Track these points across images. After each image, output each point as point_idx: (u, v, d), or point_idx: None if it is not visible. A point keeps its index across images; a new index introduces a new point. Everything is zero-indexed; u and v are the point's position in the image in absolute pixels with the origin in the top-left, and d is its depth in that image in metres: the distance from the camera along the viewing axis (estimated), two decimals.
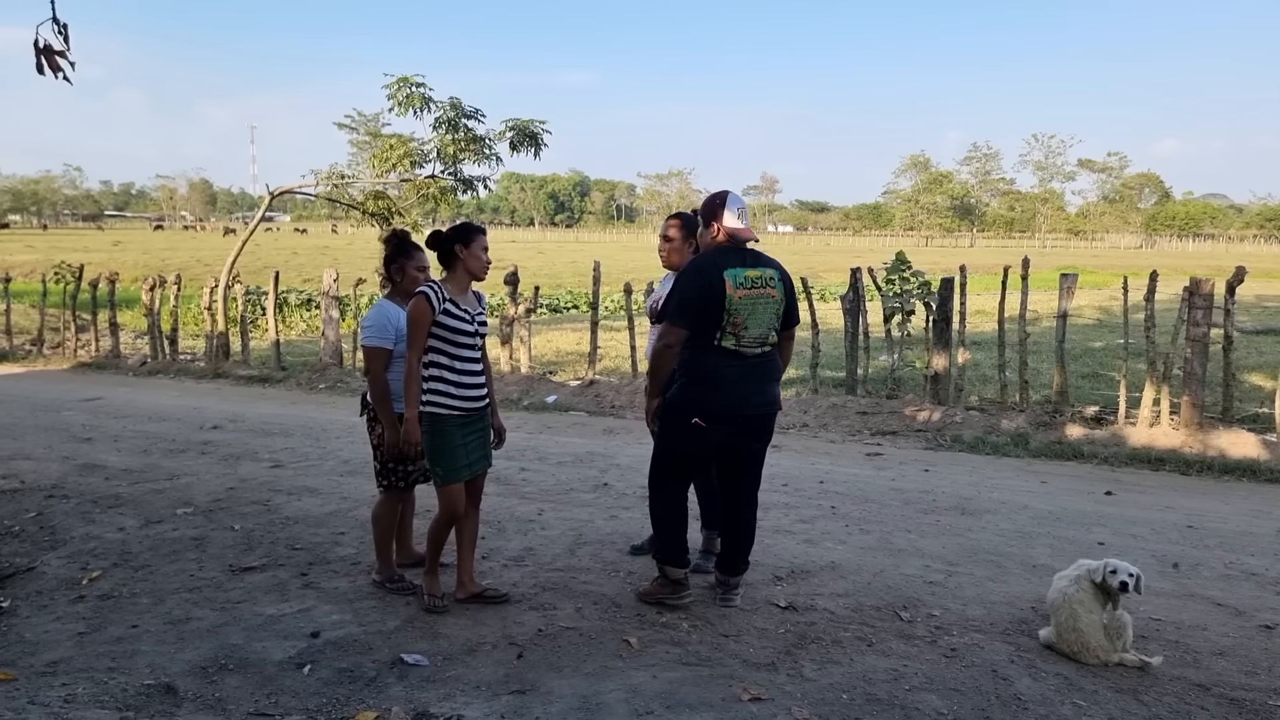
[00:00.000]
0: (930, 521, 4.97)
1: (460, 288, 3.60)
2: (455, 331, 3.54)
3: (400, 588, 3.96)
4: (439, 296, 3.51)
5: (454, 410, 3.56)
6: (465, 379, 3.59)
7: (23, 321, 14.64)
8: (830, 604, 3.81)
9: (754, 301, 3.49)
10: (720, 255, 3.53)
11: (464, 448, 3.61)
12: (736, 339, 3.49)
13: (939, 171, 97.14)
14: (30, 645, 3.42)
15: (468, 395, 3.60)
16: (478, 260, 3.59)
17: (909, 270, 8.09)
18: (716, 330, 3.47)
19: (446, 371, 3.57)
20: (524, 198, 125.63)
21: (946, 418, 7.40)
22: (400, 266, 3.99)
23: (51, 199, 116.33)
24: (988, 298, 15.48)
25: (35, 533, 4.79)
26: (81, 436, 7.21)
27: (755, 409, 3.59)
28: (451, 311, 3.53)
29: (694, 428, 3.54)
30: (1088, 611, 3.22)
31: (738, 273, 3.48)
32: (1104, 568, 3.30)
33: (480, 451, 3.71)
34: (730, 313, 3.45)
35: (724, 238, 3.56)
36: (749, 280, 3.49)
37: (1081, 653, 3.21)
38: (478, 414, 3.66)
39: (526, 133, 9.84)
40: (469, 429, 3.63)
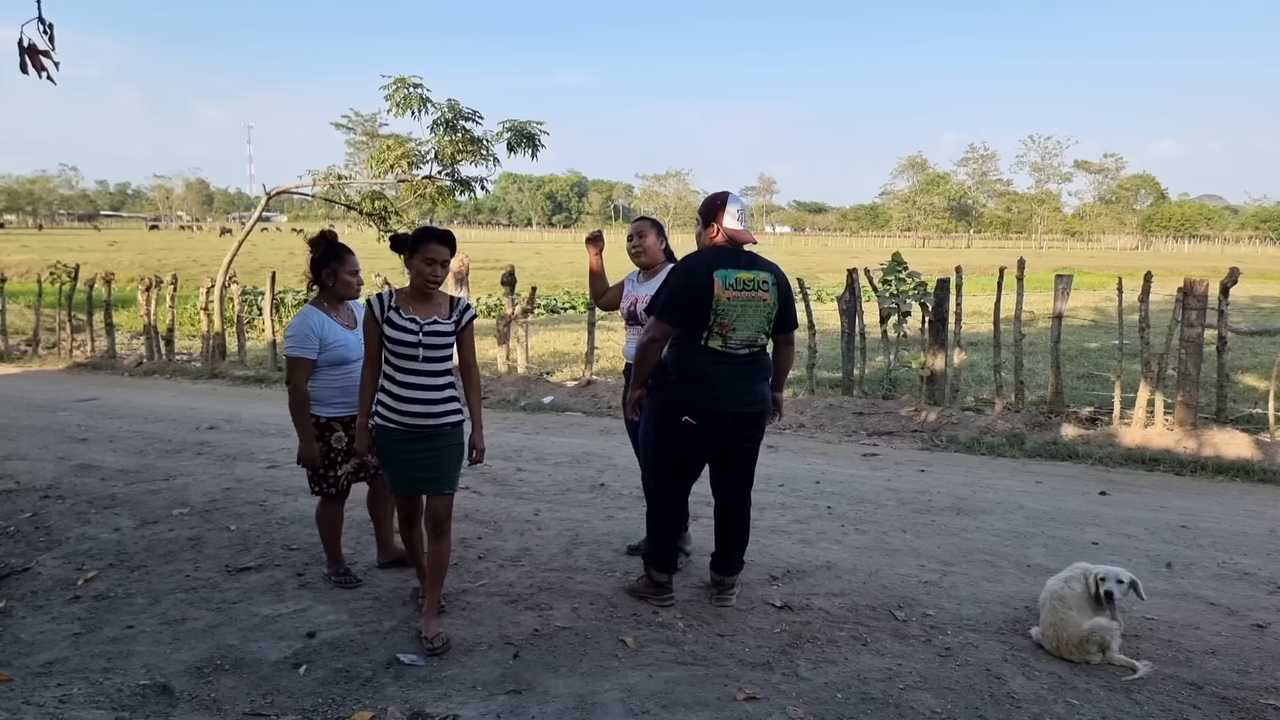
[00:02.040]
0: (926, 521, 4.98)
1: (414, 295, 3.39)
2: (395, 342, 3.34)
3: (344, 581, 4.01)
4: (381, 305, 3.35)
5: (389, 423, 3.35)
6: (406, 391, 3.33)
7: (18, 322, 14.61)
8: (826, 603, 3.82)
9: (743, 304, 3.47)
10: (713, 255, 3.52)
11: (404, 463, 3.38)
12: (723, 339, 3.48)
13: (936, 172, 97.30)
14: (25, 646, 3.42)
15: (407, 410, 3.33)
16: (420, 269, 3.34)
17: (905, 271, 8.11)
18: (703, 330, 3.47)
19: (387, 382, 3.38)
20: (521, 198, 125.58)
21: (942, 418, 7.42)
22: (332, 270, 3.87)
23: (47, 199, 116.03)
24: (984, 298, 15.49)
25: (30, 533, 4.79)
26: (77, 437, 7.20)
27: (745, 407, 3.58)
28: (394, 321, 3.34)
29: (685, 426, 3.53)
30: (1067, 609, 3.27)
31: (729, 274, 3.46)
32: (1094, 576, 3.35)
33: (430, 473, 3.39)
34: (717, 313, 3.44)
35: (722, 239, 3.55)
36: (740, 282, 3.47)
37: (1060, 648, 3.25)
38: (425, 432, 3.36)
39: (524, 134, 9.84)
40: (414, 445, 3.36)
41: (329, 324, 3.88)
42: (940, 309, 7.80)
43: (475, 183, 10.57)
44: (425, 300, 3.40)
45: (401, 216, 11.14)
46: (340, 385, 3.87)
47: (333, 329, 3.87)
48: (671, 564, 3.80)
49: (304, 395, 3.81)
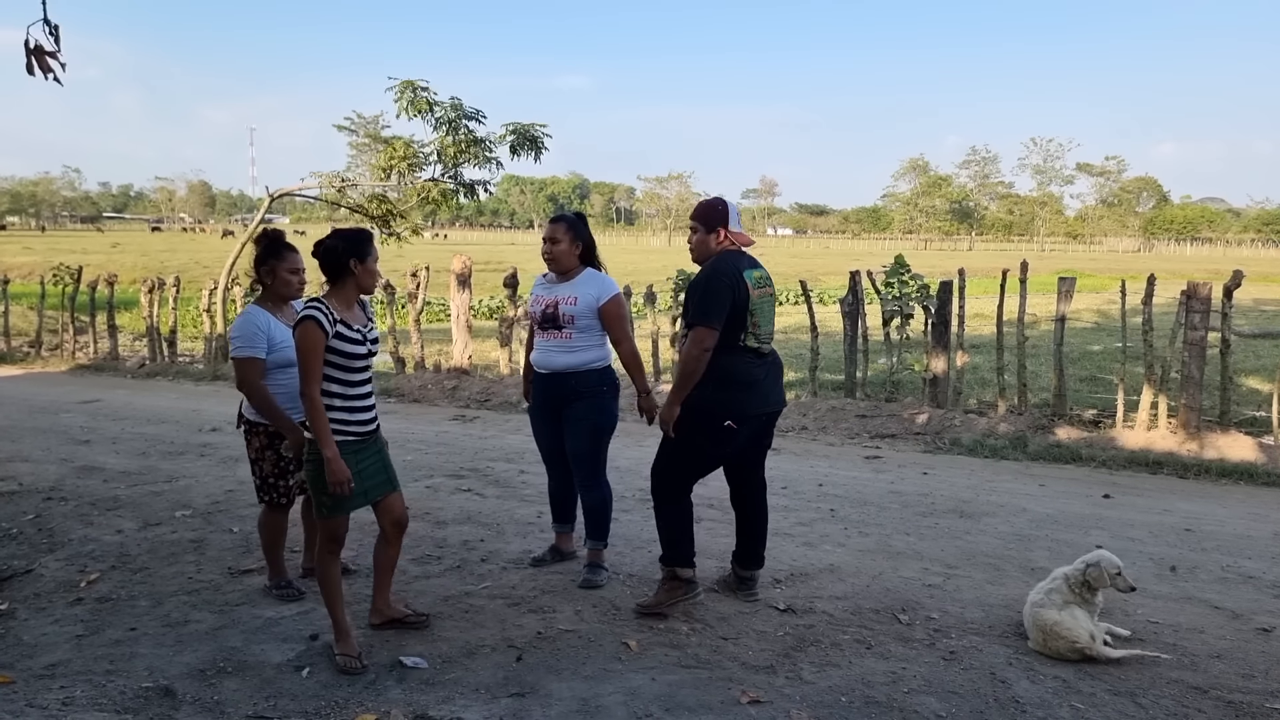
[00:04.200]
0: (929, 524, 4.97)
1: (348, 303, 3.26)
2: (349, 356, 3.20)
3: (285, 594, 3.88)
4: (329, 319, 3.15)
5: (348, 436, 3.23)
6: (358, 402, 3.27)
7: (21, 323, 14.61)
8: (829, 606, 3.81)
9: (763, 300, 3.63)
10: (734, 258, 3.62)
11: (358, 475, 3.23)
12: (756, 338, 3.60)
13: (938, 175, 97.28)
14: (28, 648, 3.42)
15: (361, 419, 3.27)
16: (372, 277, 3.27)
17: (908, 274, 8.10)
18: (741, 331, 3.56)
19: (338, 399, 3.21)
20: (523, 200, 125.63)
21: (945, 421, 7.41)
22: (271, 268, 3.72)
23: (50, 201, 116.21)
24: (986, 301, 15.48)
25: (33, 535, 4.79)
26: (80, 439, 7.21)
27: (773, 406, 3.75)
28: (344, 334, 3.18)
29: (725, 430, 3.56)
30: (1042, 609, 3.35)
31: (750, 273, 3.60)
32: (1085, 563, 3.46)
33: (381, 476, 3.37)
34: (752, 313, 3.56)
35: (729, 243, 3.64)
36: (758, 280, 3.62)
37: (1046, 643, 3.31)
38: (372, 437, 3.34)
39: (527, 136, 9.85)
40: (364, 454, 3.28)
41: (275, 324, 3.71)
42: (943, 311, 7.79)
43: (478, 185, 10.57)
44: (351, 306, 3.28)
45: (405, 218, 11.15)
46: (287, 390, 3.63)
47: (279, 329, 3.70)
48: (692, 555, 3.75)
49: (267, 393, 3.62)
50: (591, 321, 3.93)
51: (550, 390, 4.04)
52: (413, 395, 9.24)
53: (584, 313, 3.91)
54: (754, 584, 3.90)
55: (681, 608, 3.73)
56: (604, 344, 3.98)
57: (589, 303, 3.91)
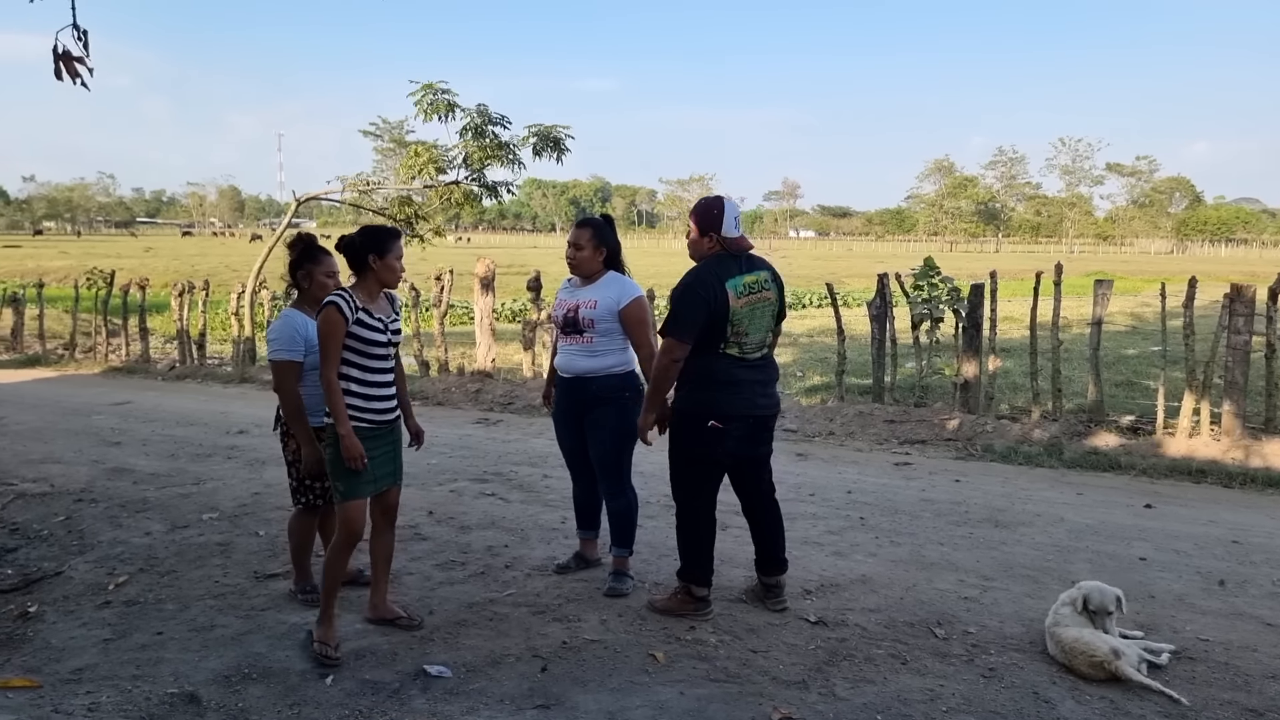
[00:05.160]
0: (963, 534, 4.85)
1: (370, 295, 3.38)
2: (368, 343, 3.32)
3: (311, 599, 3.84)
4: (351, 305, 3.28)
5: (361, 422, 3.33)
6: (375, 390, 3.37)
7: (56, 326, 14.86)
8: (862, 619, 3.71)
9: (753, 308, 3.51)
10: (719, 265, 3.50)
11: (370, 462, 3.32)
12: (739, 347, 3.51)
13: (963, 176, 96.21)
14: (56, 651, 3.41)
15: (377, 408, 3.38)
16: (392, 272, 3.38)
17: (938, 276, 7.96)
18: (720, 341, 3.48)
19: (354, 384, 3.33)
20: (545, 203, 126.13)
21: (977, 426, 7.26)
22: (308, 272, 3.77)
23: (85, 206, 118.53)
24: (1017, 304, 15.21)
25: (63, 537, 4.81)
26: (110, 440, 7.26)
27: (762, 410, 3.63)
28: (365, 321, 3.31)
29: (711, 431, 3.51)
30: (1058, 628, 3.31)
31: (737, 281, 3.47)
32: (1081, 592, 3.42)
33: (388, 467, 3.47)
34: (733, 323, 3.45)
35: (719, 247, 3.52)
36: (747, 287, 3.49)
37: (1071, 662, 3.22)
38: (387, 426, 3.44)
39: (549, 138, 9.83)
40: (377, 442, 3.37)
41: (312, 327, 3.70)
42: (975, 315, 7.64)
43: (501, 187, 10.56)
44: (375, 298, 3.41)
45: (429, 221, 11.17)
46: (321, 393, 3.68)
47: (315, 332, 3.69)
48: (709, 575, 3.74)
49: (299, 399, 3.65)
50: (612, 325, 3.87)
51: (573, 395, 3.99)
52: (436, 398, 9.23)
53: (604, 316, 3.85)
54: (780, 591, 3.82)
55: (712, 620, 3.67)
56: (626, 348, 3.92)
57: (609, 306, 3.85)
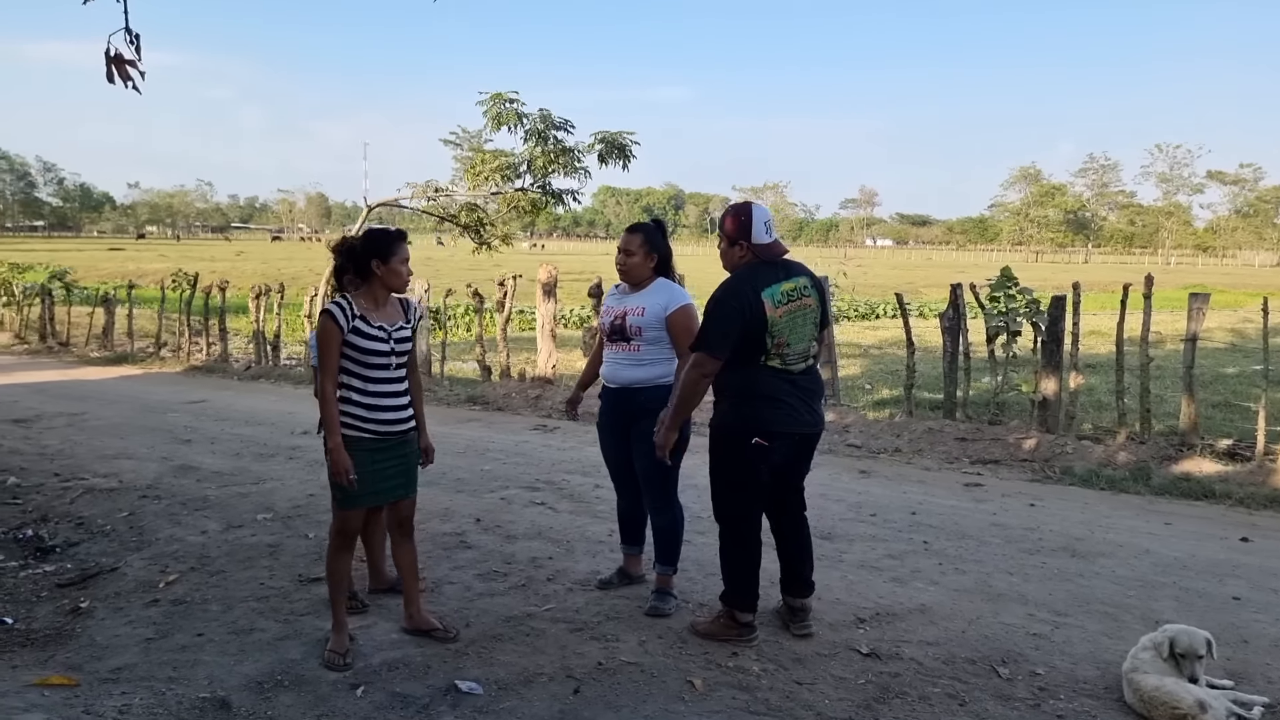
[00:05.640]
0: (1036, 563, 4.53)
1: (375, 301, 3.30)
2: (366, 352, 3.23)
3: (351, 605, 3.75)
4: (347, 314, 3.20)
5: (364, 432, 3.26)
6: (378, 400, 3.28)
7: (148, 326, 15.55)
8: (918, 653, 3.47)
9: (793, 316, 3.31)
10: (752, 275, 3.32)
11: (373, 474, 3.28)
12: (781, 358, 3.32)
13: (1051, 184, 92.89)
14: (100, 649, 3.45)
15: (381, 418, 3.28)
16: (397, 276, 3.29)
17: (1015, 287, 7.56)
18: (760, 353, 3.31)
19: (355, 393, 3.26)
20: (619, 211, 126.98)
21: (1056, 447, 6.85)
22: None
23: (185, 212, 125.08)
24: (1104, 317, 14.45)
25: (125, 532, 4.93)
26: (182, 438, 7.48)
27: (807, 428, 3.44)
28: (361, 330, 3.22)
29: (755, 448, 3.33)
30: (1137, 674, 3.03)
31: (774, 290, 3.28)
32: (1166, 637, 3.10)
33: (398, 479, 3.39)
34: (773, 335, 3.27)
35: (751, 256, 3.35)
36: (785, 295, 3.30)
37: (1150, 712, 2.94)
38: (396, 438, 3.34)
39: (614, 144, 9.77)
40: (383, 454, 3.31)
41: None
42: (1055, 328, 7.22)
43: (567, 195, 10.56)
44: (385, 305, 3.34)
45: (495, 228, 11.25)
46: None
47: None
48: (755, 600, 3.56)
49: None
50: (660, 333, 3.73)
51: (618, 405, 3.86)
52: (497, 403, 9.25)
53: (651, 324, 3.71)
54: (806, 615, 3.61)
55: (756, 646, 3.48)
56: (674, 358, 3.77)
57: (656, 313, 3.72)
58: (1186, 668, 3.01)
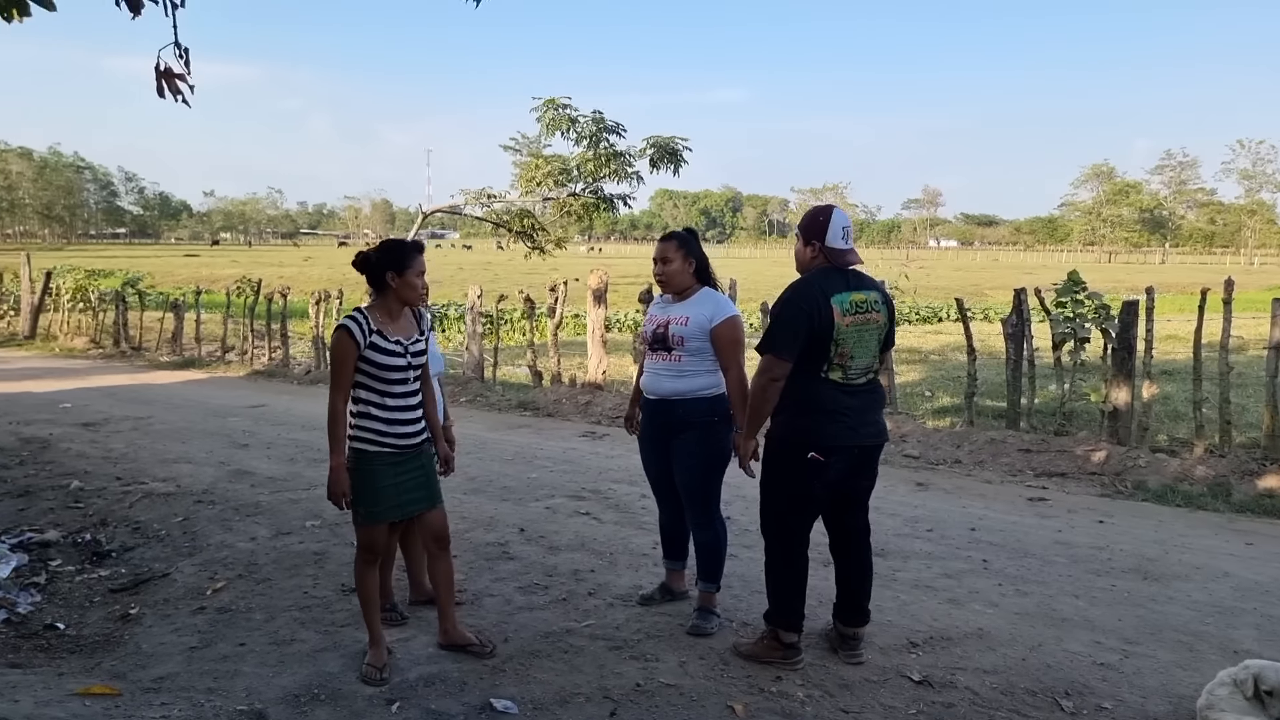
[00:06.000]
0: (1104, 586, 4.27)
1: (391, 314, 3.25)
2: (383, 367, 3.17)
3: (388, 618, 3.72)
4: (364, 329, 3.15)
5: (384, 447, 3.22)
6: (397, 414, 3.22)
7: (216, 331, 16.03)
8: (974, 681, 3.28)
9: (860, 329, 3.20)
10: (824, 279, 3.22)
11: (394, 487, 3.24)
12: (843, 371, 3.21)
13: (1125, 181, 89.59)
14: (144, 658, 3.50)
15: (400, 432, 3.23)
16: (412, 289, 3.23)
17: (1083, 291, 7.21)
18: (823, 362, 3.19)
19: (374, 408, 3.20)
20: (676, 213, 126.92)
21: (1127, 460, 6.50)
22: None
23: (256, 219, 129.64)
24: (1180, 322, 13.75)
25: (178, 538, 5.02)
26: (240, 442, 7.63)
27: (868, 439, 3.32)
28: (379, 345, 3.17)
29: (811, 463, 3.22)
30: (1212, 711, 2.82)
31: (844, 298, 3.18)
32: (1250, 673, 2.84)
33: (420, 491, 3.34)
34: (838, 343, 3.16)
35: (822, 259, 3.25)
36: (855, 305, 3.20)
37: None
38: (413, 451, 3.30)
39: (666, 149, 9.68)
40: (403, 467, 3.26)
41: None
42: (1126, 335, 6.86)
43: (619, 199, 10.51)
44: (399, 318, 3.29)
45: (548, 233, 11.27)
46: None
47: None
48: (800, 619, 3.43)
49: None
50: (703, 344, 3.62)
51: (658, 417, 3.76)
52: (547, 409, 9.23)
53: (695, 334, 3.61)
54: (858, 643, 3.46)
55: (801, 670, 3.34)
56: (716, 370, 3.66)
57: (701, 323, 3.61)
58: (1274, 708, 2.77)
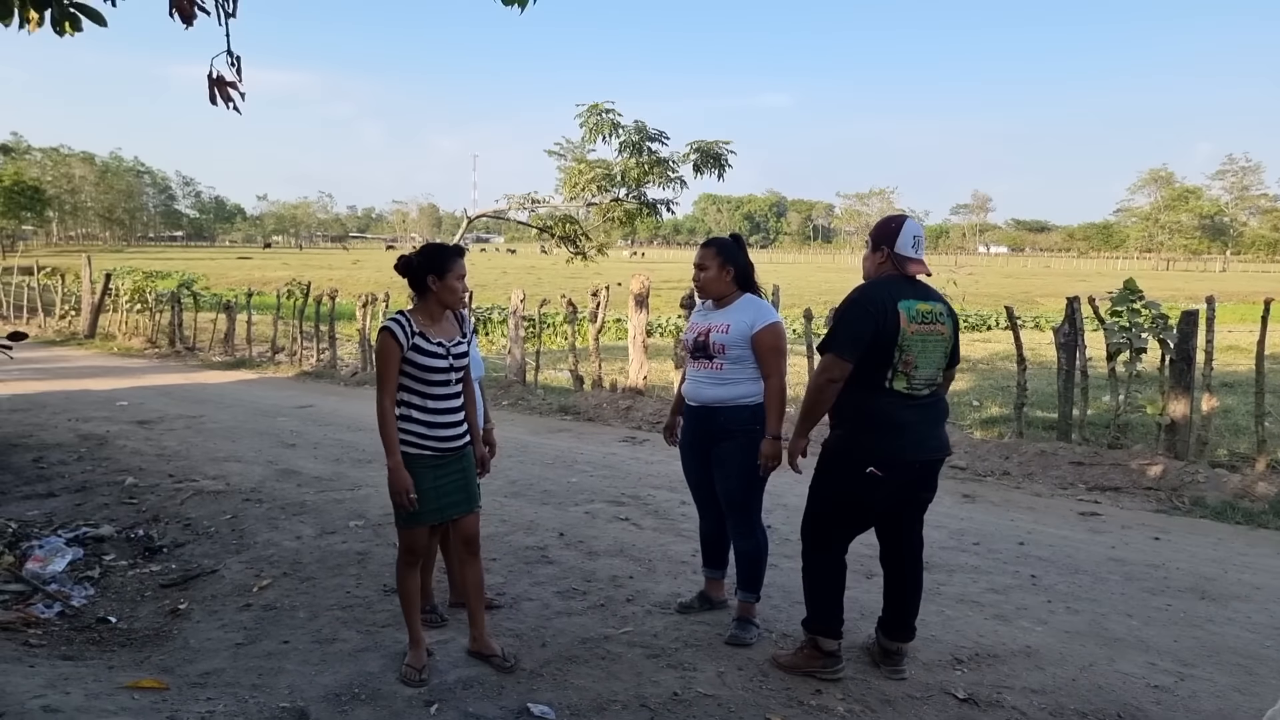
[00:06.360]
0: (1159, 605, 4.13)
1: (432, 317, 3.28)
2: (425, 369, 3.20)
3: (428, 619, 3.74)
4: (406, 331, 3.19)
5: (425, 450, 3.24)
6: (439, 417, 3.25)
7: (266, 332, 16.41)
8: (1021, 701, 3.19)
9: (925, 339, 3.16)
10: (891, 283, 3.20)
11: (435, 490, 3.26)
12: (908, 380, 3.15)
13: (1184, 187, 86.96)
14: (192, 653, 3.57)
15: (442, 435, 3.26)
16: (452, 293, 3.26)
17: (1139, 300, 7.00)
18: (887, 369, 3.14)
19: (416, 410, 3.23)
20: (719, 219, 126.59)
21: (1185, 475, 6.28)
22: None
23: (307, 222, 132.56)
24: (1242, 333, 13.27)
25: (227, 535, 5.13)
26: (287, 442, 7.78)
27: (930, 454, 3.27)
28: (421, 346, 3.20)
29: (869, 478, 3.17)
30: None
31: (910, 305, 3.15)
32: None
33: (459, 495, 3.36)
34: (902, 349, 3.12)
35: (890, 267, 3.24)
36: (921, 315, 3.16)
37: None
38: (455, 454, 3.32)
39: (710, 154, 9.66)
40: (443, 470, 3.28)
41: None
42: (1185, 345, 6.64)
43: (661, 205, 10.51)
44: (441, 321, 3.32)
45: (590, 239, 11.31)
46: None
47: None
48: (840, 626, 3.38)
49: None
50: (744, 352, 3.58)
51: (699, 425, 3.74)
52: (587, 414, 9.25)
53: (736, 341, 3.58)
54: (901, 659, 3.40)
55: (842, 684, 3.29)
56: (758, 378, 3.62)
57: (742, 330, 3.58)
58: None
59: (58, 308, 19.65)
